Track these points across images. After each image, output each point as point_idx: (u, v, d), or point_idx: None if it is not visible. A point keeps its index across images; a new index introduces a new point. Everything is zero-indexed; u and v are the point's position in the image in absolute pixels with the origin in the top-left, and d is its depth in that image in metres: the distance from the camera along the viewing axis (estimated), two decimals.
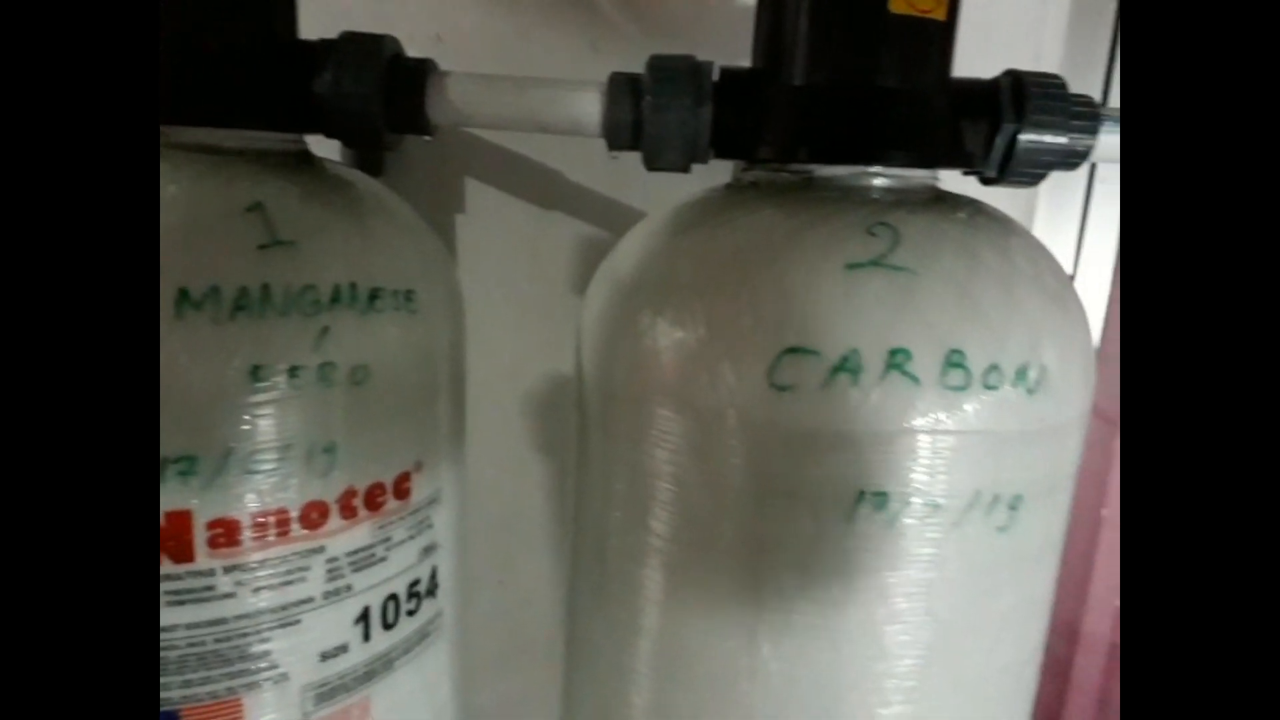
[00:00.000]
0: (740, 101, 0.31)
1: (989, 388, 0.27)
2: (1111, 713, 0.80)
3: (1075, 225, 0.57)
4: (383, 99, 0.30)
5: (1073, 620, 0.77)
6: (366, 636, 0.33)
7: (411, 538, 0.35)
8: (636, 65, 0.31)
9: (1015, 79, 0.31)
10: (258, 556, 0.29)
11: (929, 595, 0.28)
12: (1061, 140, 0.31)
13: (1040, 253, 0.31)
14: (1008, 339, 0.27)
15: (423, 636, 0.37)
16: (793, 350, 0.27)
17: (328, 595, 0.31)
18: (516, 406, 0.56)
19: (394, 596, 0.34)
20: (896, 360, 0.26)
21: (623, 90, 0.31)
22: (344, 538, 0.31)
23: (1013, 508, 0.28)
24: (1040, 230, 0.56)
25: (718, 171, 0.35)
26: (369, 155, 0.48)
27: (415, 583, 0.36)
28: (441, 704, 0.40)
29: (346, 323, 0.29)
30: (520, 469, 0.58)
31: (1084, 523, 0.73)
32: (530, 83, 0.32)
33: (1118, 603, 0.76)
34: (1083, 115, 0.31)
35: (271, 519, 0.29)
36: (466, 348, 0.53)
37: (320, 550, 0.31)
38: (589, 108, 0.31)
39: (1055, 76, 0.31)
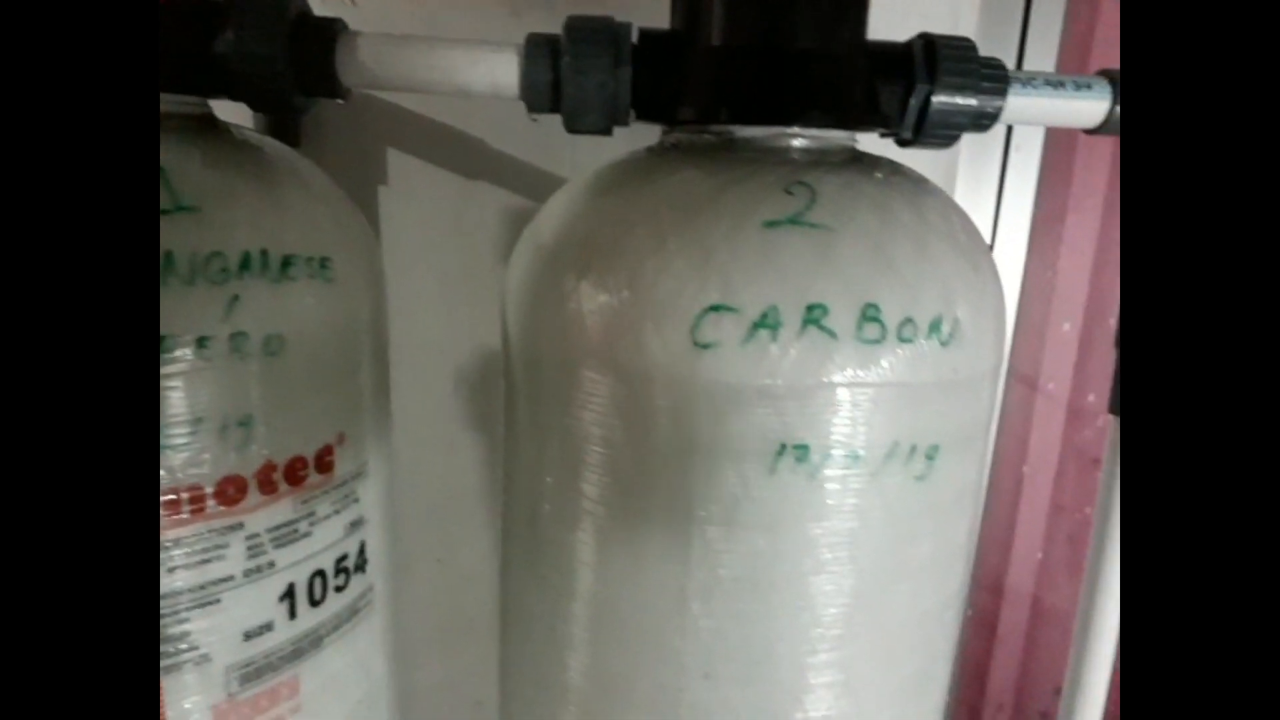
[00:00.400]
0: (660, 63, 0.31)
1: (904, 340, 0.27)
2: (1035, 665, 0.84)
3: (993, 192, 0.59)
4: (289, 59, 0.29)
5: (998, 576, 0.81)
6: (293, 614, 0.33)
7: (337, 512, 0.34)
8: (559, 30, 0.31)
9: (928, 42, 0.32)
10: (171, 535, 0.28)
11: (852, 544, 0.29)
12: (972, 102, 0.32)
13: (954, 210, 0.32)
14: (921, 293, 0.28)
15: (353, 613, 0.36)
16: (713, 308, 0.27)
17: (249, 573, 0.31)
18: (449, 383, 0.56)
19: (320, 573, 0.34)
20: (814, 315, 0.27)
21: (540, 51, 0.30)
22: (264, 513, 0.31)
23: (930, 457, 0.29)
24: (960, 196, 0.58)
25: (646, 137, 0.35)
26: (284, 124, 0.46)
27: (343, 558, 0.35)
28: (376, 681, 0.40)
29: (258, 291, 0.28)
30: (455, 447, 0.57)
31: (1007, 481, 0.76)
32: (445, 43, 0.31)
33: (1039, 556, 0.80)
34: (992, 77, 0.32)
35: (185, 495, 0.28)
36: (391, 322, 0.52)
37: (239, 527, 0.30)
38: (506, 69, 0.31)
39: (966, 40, 0.32)
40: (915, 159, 0.36)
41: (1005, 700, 0.85)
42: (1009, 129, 0.58)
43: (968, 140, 0.58)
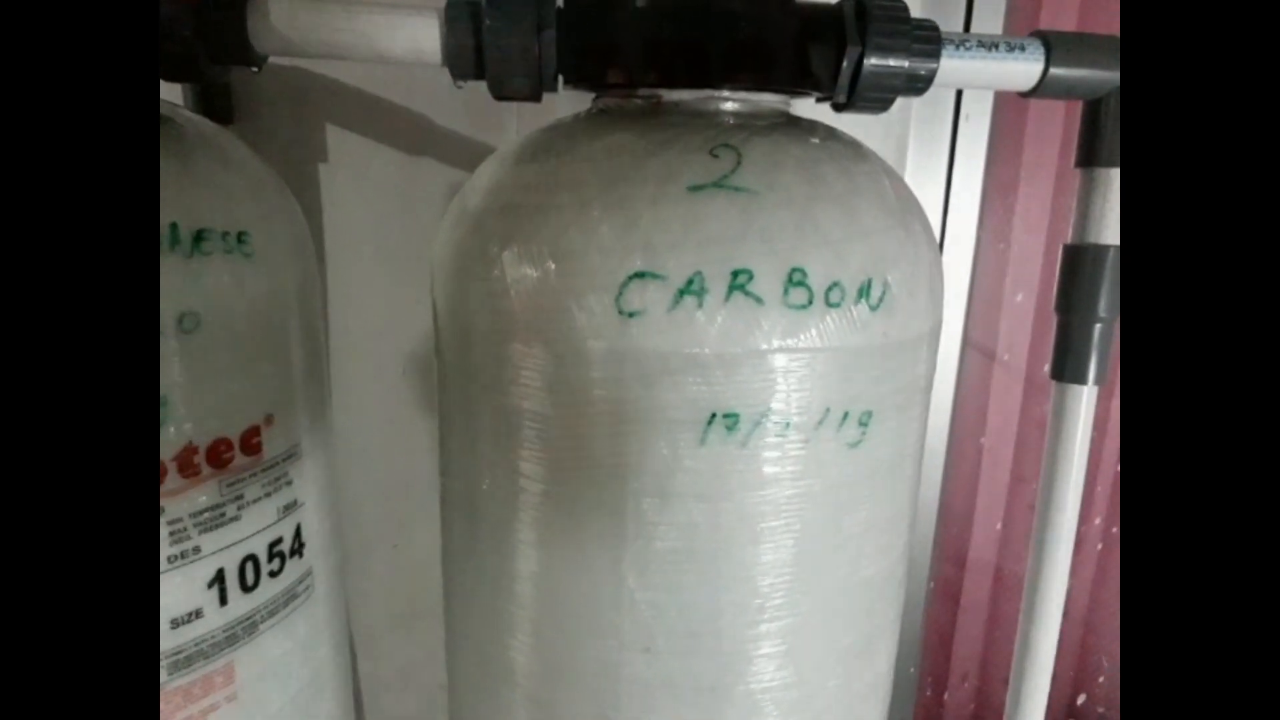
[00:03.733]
0: (587, 26, 0.30)
1: (831, 305, 0.27)
2: (999, 634, 0.85)
3: (944, 163, 0.59)
4: (196, 24, 0.28)
5: (960, 547, 0.81)
6: (223, 600, 0.32)
7: (268, 495, 0.33)
8: None
9: (858, 3, 0.31)
10: None
11: (788, 513, 0.29)
12: (904, 64, 0.31)
13: (886, 174, 0.31)
14: (849, 257, 0.27)
15: (291, 598, 0.35)
16: (638, 275, 0.26)
17: (173, 559, 0.30)
18: (399, 366, 0.55)
19: (252, 557, 0.33)
20: (739, 281, 0.26)
21: (462, 14, 0.29)
22: (186, 497, 0.30)
23: (863, 424, 0.29)
24: (912, 168, 0.58)
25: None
26: (215, 100, 0.45)
27: (276, 542, 0.34)
28: (320, 665, 0.39)
29: (169, 266, 0.27)
30: (407, 430, 0.56)
31: (966, 454, 0.76)
32: (364, 7, 0.30)
33: (999, 528, 0.81)
34: (924, 39, 0.32)
35: None
36: (337, 304, 0.51)
37: (159, 511, 0.29)
38: (428, 34, 0.30)
39: (897, 1, 0.32)
40: (868, 132, 0.36)
41: (970, 669, 0.87)
42: (958, 98, 0.57)
43: (918, 110, 0.58)
